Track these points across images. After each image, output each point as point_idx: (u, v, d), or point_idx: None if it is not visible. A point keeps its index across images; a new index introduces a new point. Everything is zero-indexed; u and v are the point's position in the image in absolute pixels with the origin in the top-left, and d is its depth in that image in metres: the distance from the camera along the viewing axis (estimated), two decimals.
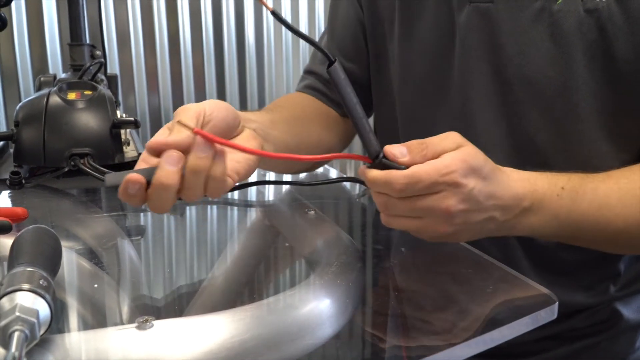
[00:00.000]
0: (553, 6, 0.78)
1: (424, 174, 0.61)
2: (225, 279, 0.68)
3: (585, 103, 0.79)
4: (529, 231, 0.69)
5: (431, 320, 0.60)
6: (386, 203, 0.64)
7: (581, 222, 0.71)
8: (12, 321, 0.45)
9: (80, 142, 0.98)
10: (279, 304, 0.58)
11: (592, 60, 0.77)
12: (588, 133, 0.80)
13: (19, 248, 0.56)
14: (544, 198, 0.70)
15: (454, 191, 0.62)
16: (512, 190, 0.67)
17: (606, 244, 0.75)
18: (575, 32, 0.77)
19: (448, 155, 0.63)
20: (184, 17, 1.86)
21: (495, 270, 0.67)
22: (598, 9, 0.75)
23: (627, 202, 0.72)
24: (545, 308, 0.59)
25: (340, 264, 0.67)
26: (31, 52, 1.67)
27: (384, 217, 0.66)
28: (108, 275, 0.67)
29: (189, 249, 0.78)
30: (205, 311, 0.59)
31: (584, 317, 0.90)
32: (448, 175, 0.61)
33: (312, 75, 1.07)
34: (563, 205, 0.70)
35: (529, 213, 0.69)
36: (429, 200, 0.62)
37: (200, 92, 1.92)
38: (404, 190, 0.61)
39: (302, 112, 0.99)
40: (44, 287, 0.49)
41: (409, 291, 0.66)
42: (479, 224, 0.65)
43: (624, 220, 0.72)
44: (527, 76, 0.81)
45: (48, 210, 0.91)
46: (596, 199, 0.72)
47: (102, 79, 1.20)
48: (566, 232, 0.71)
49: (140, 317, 0.53)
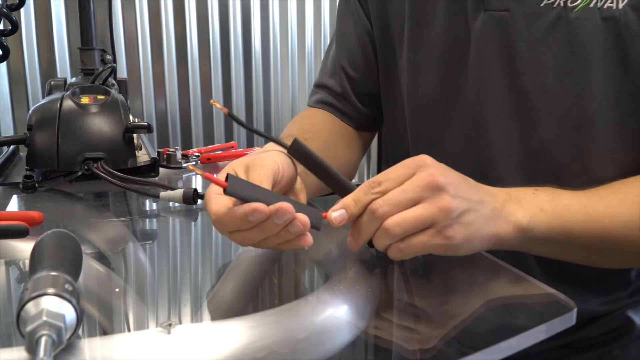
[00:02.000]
0: (570, 14, 0.77)
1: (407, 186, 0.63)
2: (242, 284, 0.68)
3: (601, 111, 0.79)
4: (525, 224, 0.68)
5: (448, 327, 0.60)
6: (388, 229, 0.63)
7: (568, 217, 0.70)
8: (39, 326, 0.45)
9: (93, 146, 0.98)
10: (299, 309, 0.58)
11: (609, 68, 0.77)
12: (604, 142, 0.80)
13: (40, 252, 0.56)
14: (520, 194, 0.71)
15: (439, 191, 0.62)
16: (487, 187, 0.69)
17: (599, 248, 0.73)
18: (592, 40, 0.77)
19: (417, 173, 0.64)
20: (191, 22, 1.86)
21: (511, 277, 0.67)
22: (615, 17, 0.75)
23: (609, 202, 0.73)
24: (564, 315, 0.59)
25: (357, 270, 0.67)
26: (40, 55, 1.67)
27: (395, 249, 0.64)
28: (123, 279, 0.67)
29: (202, 253, 0.78)
30: (223, 316, 0.60)
31: (598, 325, 0.90)
32: (428, 180, 0.62)
33: (323, 89, 1.06)
34: (543, 199, 0.71)
35: (513, 203, 0.69)
36: (424, 206, 0.62)
37: (207, 98, 1.92)
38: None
39: (329, 137, 0.99)
40: (70, 291, 0.49)
41: (426, 297, 0.66)
42: (474, 211, 0.65)
43: (610, 220, 0.72)
44: (543, 84, 0.80)
45: (61, 214, 0.92)
46: (575, 197, 0.73)
47: (113, 84, 1.20)
48: (558, 229, 0.70)
49: (164, 321, 0.53)
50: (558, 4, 0.78)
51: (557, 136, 0.81)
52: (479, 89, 0.86)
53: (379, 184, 0.64)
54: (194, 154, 1.18)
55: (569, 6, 0.77)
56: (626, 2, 0.75)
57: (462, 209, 0.63)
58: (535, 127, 0.82)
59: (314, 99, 1.07)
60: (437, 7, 0.88)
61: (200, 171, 0.60)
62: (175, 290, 0.65)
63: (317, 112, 1.05)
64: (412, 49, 0.92)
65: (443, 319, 0.61)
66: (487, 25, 0.83)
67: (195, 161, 1.18)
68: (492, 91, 0.84)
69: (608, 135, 0.80)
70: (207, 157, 1.19)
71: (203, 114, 1.94)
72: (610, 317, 0.91)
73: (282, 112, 2.03)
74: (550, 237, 0.70)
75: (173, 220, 0.90)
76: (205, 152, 1.21)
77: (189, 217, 0.90)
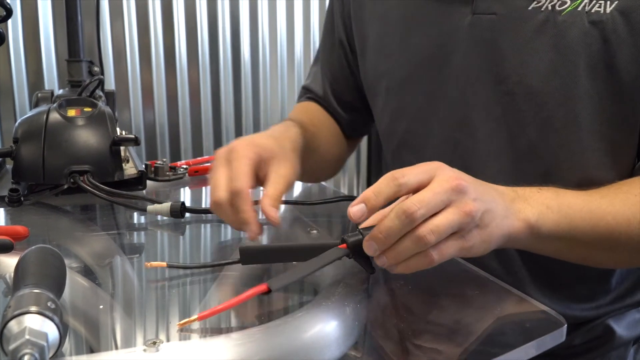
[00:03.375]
0: (557, 18, 0.78)
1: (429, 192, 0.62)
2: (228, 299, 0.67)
3: (586, 113, 0.79)
4: (533, 221, 0.69)
5: (437, 344, 0.60)
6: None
7: (573, 215, 0.71)
8: (21, 344, 0.45)
9: (79, 159, 0.97)
10: (287, 326, 0.57)
11: (595, 71, 0.78)
12: (588, 143, 0.81)
13: (24, 269, 0.55)
14: (526, 192, 0.72)
15: (464, 194, 0.62)
16: (495, 186, 0.70)
17: (602, 245, 0.74)
18: (580, 43, 0.77)
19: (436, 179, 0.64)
20: (179, 33, 1.86)
21: (501, 292, 0.66)
22: (602, 21, 0.76)
23: (611, 200, 0.74)
24: (554, 331, 0.58)
25: (346, 285, 0.67)
26: (27, 67, 1.66)
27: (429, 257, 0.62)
28: (109, 295, 0.66)
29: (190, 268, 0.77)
30: (210, 332, 0.59)
31: (581, 333, 0.91)
32: (455, 183, 0.62)
33: (310, 92, 1.13)
34: (548, 197, 0.72)
35: (521, 201, 0.70)
36: (452, 210, 0.62)
37: (196, 108, 1.92)
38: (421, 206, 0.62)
39: (328, 135, 1.07)
40: (52, 309, 0.48)
41: (415, 313, 0.65)
42: (491, 212, 0.65)
43: (613, 217, 0.72)
44: (529, 87, 0.81)
45: (47, 228, 0.91)
46: (579, 195, 0.74)
47: (100, 96, 1.19)
48: (564, 225, 0.71)
49: (148, 339, 0.52)
50: (546, 8, 0.79)
51: (544, 137, 0.82)
52: (465, 92, 0.86)
53: (402, 176, 0.63)
54: (181, 166, 1.18)
55: (557, 10, 0.78)
56: (614, 6, 0.75)
57: (482, 211, 0.64)
58: (522, 129, 0.83)
59: (305, 98, 1.14)
60: (423, 10, 0.89)
61: None
62: (162, 306, 0.64)
63: (316, 106, 1.11)
64: (396, 51, 0.93)
65: (432, 336, 0.61)
66: (474, 28, 0.83)
67: (183, 174, 1.17)
68: (478, 93, 0.85)
69: (593, 135, 0.80)
70: (195, 170, 1.18)
71: (192, 124, 1.93)
72: (592, 326, 0.92)
73: (271, 122, 2.03)
74: (557, 234, 0.71)
75: (161, 234, 0.90)
76: (193, 164, 1.20)
77: (176, 230, 0.89)
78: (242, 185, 0.74)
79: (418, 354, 0.58)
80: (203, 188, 1.16)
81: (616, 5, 0.75)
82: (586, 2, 0.77)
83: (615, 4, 0.75)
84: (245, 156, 0.76)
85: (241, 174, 0.75)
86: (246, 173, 0.75)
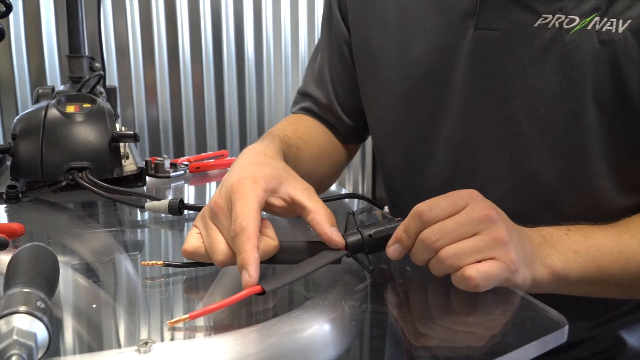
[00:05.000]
0: (565, 37, 0.73)
1: None
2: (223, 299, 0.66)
3: (595, 138, 0.75)
4: (560, 269, 0.68)
5: (437, 344, 0.59)
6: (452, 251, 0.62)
7: (602, 258, 0.69)
8: (9, 345, 0.44)
9: (78, 155, 0.97)
10: (283, 326, 0.56)
11: (604, 93, 0.74)
12: (597, 168, 0.77)
13: (15, 267, 0.55)
14: (553, 236, 0.69)
15: (494, 224, 0.62)
16: (522, 227, 0.68)
17: (633, 284, 0.72)
18: (588, 64, 0.73)
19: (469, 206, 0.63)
20: (183, 29, 1.85)
21: (501, 292, 0.65)
22: (614, 41, 0.71)
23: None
24: (555, 331, 0.57)
25: (344, 284, 0.66)
26: (29, 63, 1.66)
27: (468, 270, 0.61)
28: (106, 293, 0.65)
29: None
30: (206, 332, 0.58)
31: (587, 346, 0.89)
32: (484, 213, 0.62)
33: (309, 99, 1.04)
34: (576, 240, 0.69)
35: (547, 246, 0.68)
36: (481, 237, 0.61)
37: (199, 105, 1.91)
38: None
39: (317, 149, 0.98)
40: (42, 309, 0.47)
41: (414, 312, 0.64)
42: (521, 247, 0.64)
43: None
44: (534, 109, 0.77)
45: (45, 225, 0.90)
46: (608, 235, 0.71)
47: (101, 92, 1.19)
48: (592, 270, 0.69)
49: (140, 339, 0.51)
50: (553, 25, 0.74)
51: (551, 163, 0.78)
52: (467, 111, 0.82)
53: (429, 211, 0.62)
54: (182, 163, 1.17)
55: (565, 28, 0.73)
56: (626, 26, 0.71)
57: (514, 242, 0.63)
58: (525, 154, 0.79)
59: (298, 107, 1.05)
60: (424, 22, 0.84)
61: None
62: (158, 305, 0.64)
63: (308, 118, 1.03)
64: (395, 65, 0.89)
65: (432, 335, 0.60)
66: (476, 44, 0.79)
67: (184, 170, 1.16)
68: (481, 114, 0.81)
69: (602, 161, 0.77)
70: (196, 166, 1.17)
71: (195, 121, 1.93)
72: (601, 338, 0.89)
73: (275, 119, 2.02)
74: (585, 278, 0.69)
75: (159, 231, 0.89)
76: (194, 160, 1.19)
77: (175, 227, 0.88)
78: (245, 223, 0.62)
79: (417, 355, 0.57)
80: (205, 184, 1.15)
81: (629, 24, 0.70)
82: (597, 20, 0.72)
83: (628, 23, 0.71)
84: (249, 194, 0.65)
85: (245, 211, 0.63)
86: (252, 210, 0.63)
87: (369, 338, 0.60)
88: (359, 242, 0.65)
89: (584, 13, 0.72)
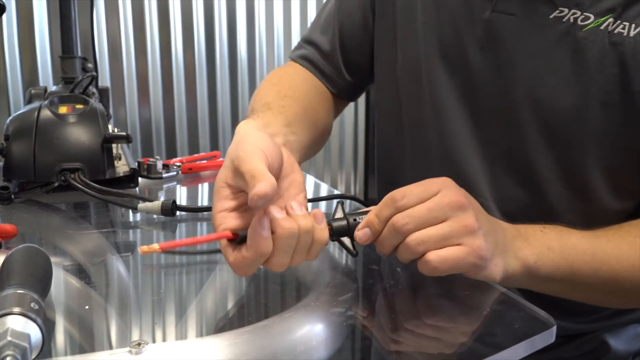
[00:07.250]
0: (578, 33, 0.74)
1: None
2: (218, 299, 0.67)
3: (593, 136, 0.76)
4: (532, 262, 0.68)
5: (427, 344, 0.59)
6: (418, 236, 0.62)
7: (575, 257, 0.70)
8: (3, 346, 0.44)
9: (71, 156, 0.97)
10: (275, 327, 0.57)
11: (608, 94, 0.74)
12: (590, 165, 0.78)
13: (9, 268, 0.55)
14: (528, 231, 0.70)
15: (464, 210, 0.62)
16: (498, 220, 0.68)
17: (604, 289, 0.73)
18: (597, 63, 0.74)
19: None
20: (176, 30, 1.85)
21: (490, 292, 0.66)
22: (624, 44, 0.72)
23: (617, 244, 0.71)
24: (543, 332, 0.58)
25: (335, 285, 0.66)
26: (22, 63, 1.66)
27: (427, 266, 0.62)
28: (98, 294, 0.66)
29: (180, 267, 0.77)
30: (199, 333, 0.58)
31: (573, 346, 0.90)
32: (454, 199, 0.62)
33: (310, 45, 1.02)
34: (551, 238, 0.70)
35: (521, 240, 0.68)
36: (449, 223, 0.62)
37: (192, 105, 1.91)
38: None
39: (307, 101, 0.92)
40: (35, 310, 0.48)
41: (405, 313, 0.65)
42: (493, 237, 0.64)
43: (617, 262, 0.71)
44: (538, 100, 0.78)
45: (37, 226, 0.90)
46: (584, 237, 0.71)
47: (93, 92, 1.18)
48: (564, 268, 0.69)
49: (133, 340, 0.52)
50: (567, 19, 0.75)
51: (544, 151, 0.79)
52: (471, 90, 0.83)
53: (402, 197, 0.62)
54: (175, 164, 1.17)
55: (579, 24, 0.74)
56: (638, 31, 0.72)
57: (484, 230, 0.63)
58: (522, 140, 0.80)
59: (297, 54, 1.03)
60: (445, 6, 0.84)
61: None
62: (151, 306, 0.64)
63: (296, 71, 1.01)
64: (414, 32, 0.88)
65: (422, 336, 0.60)
66: (490, 25, 0.80)
67: (177, 171, 1.16)
68: (485, 96, 0.82)
69: (596, 160, 0.77)
70: (189, 167, 1.17)
71: (188, 122, 1.93)
72: (585, 340, 0.90)
73: None
74: (556, 275, 0.70)
75: (152, 233, 0.89)
76: (187, 161, 1.19)
77: (168, 229, 0.89)
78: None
79: (408, 354, 0.57)
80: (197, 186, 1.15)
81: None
82: (610, 22, 0.73)
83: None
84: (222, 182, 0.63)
85: None
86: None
87: (360, 339, 0.60)
88: (344, 226, 0.65)
89: (599, 12, 0.73)
